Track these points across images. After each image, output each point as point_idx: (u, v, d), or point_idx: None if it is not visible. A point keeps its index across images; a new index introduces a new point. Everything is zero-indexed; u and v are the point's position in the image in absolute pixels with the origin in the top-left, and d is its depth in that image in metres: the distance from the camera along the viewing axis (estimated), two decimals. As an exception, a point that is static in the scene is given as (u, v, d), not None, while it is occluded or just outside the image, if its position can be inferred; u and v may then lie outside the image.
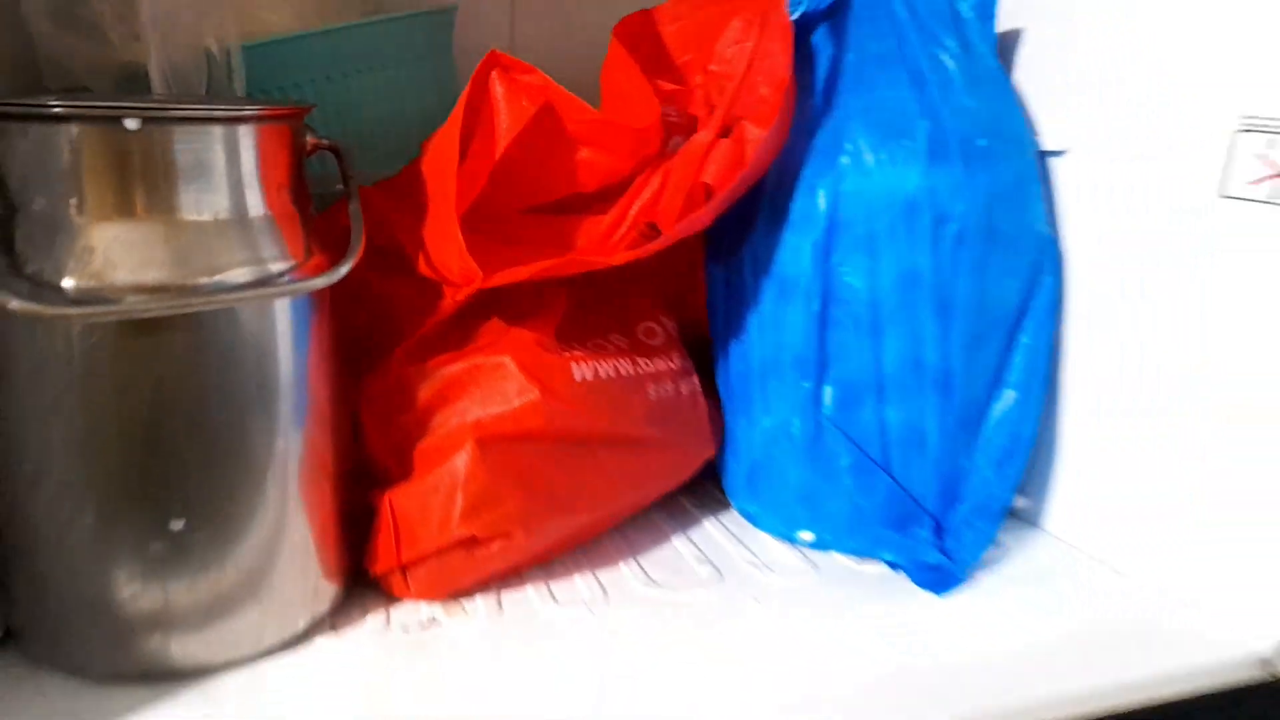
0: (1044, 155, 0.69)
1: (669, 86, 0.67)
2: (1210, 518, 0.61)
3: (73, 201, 0.46)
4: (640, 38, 0.72)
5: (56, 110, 0.44)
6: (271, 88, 0.66)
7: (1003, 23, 0.70)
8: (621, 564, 0.67)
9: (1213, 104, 0.58)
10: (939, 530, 0.66)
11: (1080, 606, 0.63)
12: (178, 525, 0.49)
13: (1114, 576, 0.66)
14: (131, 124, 0.44)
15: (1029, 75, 0.71)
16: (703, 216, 0.61)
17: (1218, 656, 0.58)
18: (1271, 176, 0.56)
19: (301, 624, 0.56)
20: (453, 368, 0.61)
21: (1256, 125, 0.57)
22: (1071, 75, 0.67)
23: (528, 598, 0.62)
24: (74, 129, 0.45)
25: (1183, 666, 0.57)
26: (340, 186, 0.60)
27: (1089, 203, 0.67)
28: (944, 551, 0.64)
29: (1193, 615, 0.62)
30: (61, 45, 0.60)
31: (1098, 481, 0.68)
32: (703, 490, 0.77)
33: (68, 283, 0.45)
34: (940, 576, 0.63)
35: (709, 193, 0.60)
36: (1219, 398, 0.60)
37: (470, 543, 0.58)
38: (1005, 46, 0.72)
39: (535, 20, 0.98)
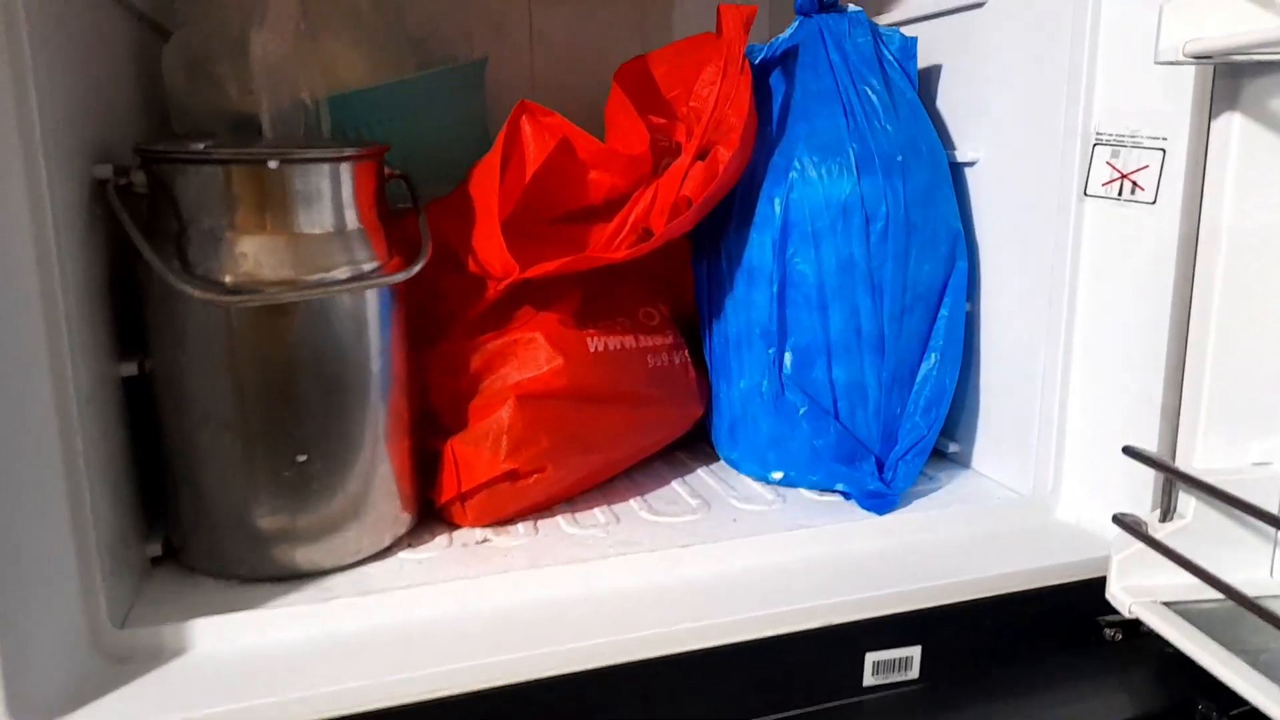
0: (959, 166, 0.87)
1: (659, 120, 0.85)
2: (1088, 449, 0.79)
3: (228, 221, 0.64)
4: (635, 78, 0.90)
5: (220, 155, 0.62)
6: (349, 129, 0.84)
7: (925, 59, 0.88)
8: (630, 499, 0.84)
9: (1075, 123, 0.75)
10: (879, 465, 0.83)
11: (988, 518, 0.80)
12: (302, 458, 0.67)
13: (1017, 497, 0.83)
14: (273, 164, 0.62)
15: (947, 101, 0.89)
16: (685, 221, 0.78)
17: (1094, 552, 0.75)
18: (1118, 179, 0.73)
19: (388, 540, 0.74)
20: (496, 342, 0.79)
21: (1104, 139, 0.74)
22: (978, 102, 0.85)
23: (557, 524, 0.80)
24: (231, 169, 0.63)
25: (1065, 559, 0.74)
26: (405, 205, 0.78)
27: (993, 202, 0.85)
28: (884, 481, 0.81)
29: (1079, 525, 0.79)
30: (190, 96, 0.78)
31: (1008, 426, 0.85)
32: (695, 445, 0.95)
33: (227, 278, 0.63)
34: (881, 501, 0.80)
35: (689, 202, 0.77)
36: (1087, 351, 0.77)
37: (513, 475, 0.76)
38: (929, 79, 0.90)
39: (551, 61, 1.16)
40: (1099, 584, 0.73)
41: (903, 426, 0.84)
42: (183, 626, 0.63)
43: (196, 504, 0.68)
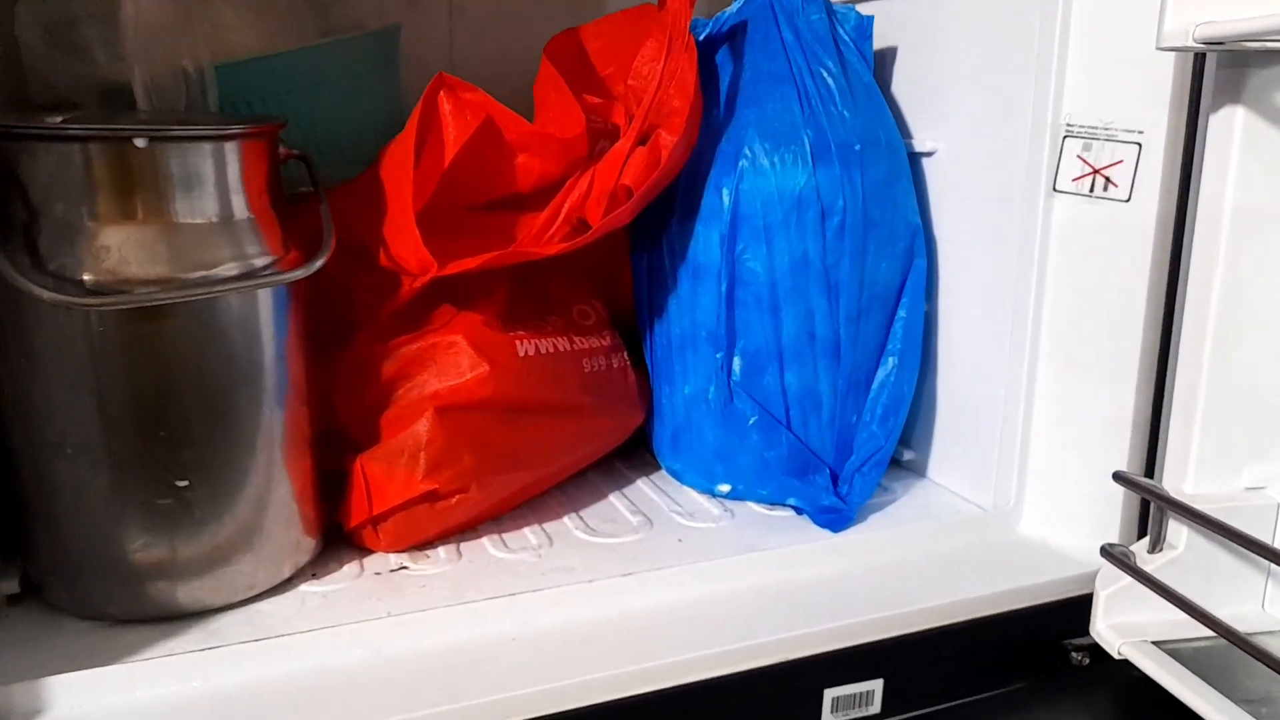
0: (916, 156, 0.81)
1: (594, 99, 0.77)
2: (1053, 462, 0.74)
3: (88, 208, 0.54)
4: (567, 53, 0.82)
5: (75, 131, 0.52)
6: (240, 102, 0.74)
7: (880, 42, 0.82)
8: (564, 517, 0.77)
9: (1044, 113, 0.70)
10: (834, 478, 0.77)
11: (948, 536, 0.75)
12: (182, 484, 0.58)
13: (979, 512, 0.78)
14: (140, 142, 0.53)
15: (903, 87, 0.83)
16: (624, 213, 0.71)
17: (1061, 573, 0.70)
18: (1089, 174, 0.68)
19: (287, 571, 0.65)
20: (411, 347, 0.70)
21: (1075, 131, 0.69)
22: (939, 88, 0.79)
23: (483, 546, 0.72)
24: (90, 147, 0.53)
25: (1031, 581, 0.69)
26: (305, 190, 0.69)
27: (952, 196, 0.79)
28: (839, 496, 0.76)
29: (1044, 542, 0.74)
30: (51, 63, 0.68)
31: (967, 434, 0.80)
32: (634, 454, 0.87)
33: (86, 276, 0.53)
34: (836, 517, 0.74)
35: (629, 192, 0.70)
36: (1054, 358, 0.72)
37: (432, 497, 0.67)
38: (884, 63, 0.84)
39: (472, 36, 1.07)
40: (1067, 606, 0.69)
41: (858, 436, 0.78)
42: (37, 685, 0.53)
43: (54, 538, 0.59)
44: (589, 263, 0.81)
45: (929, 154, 0.81)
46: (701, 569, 0.67)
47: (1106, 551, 0.59)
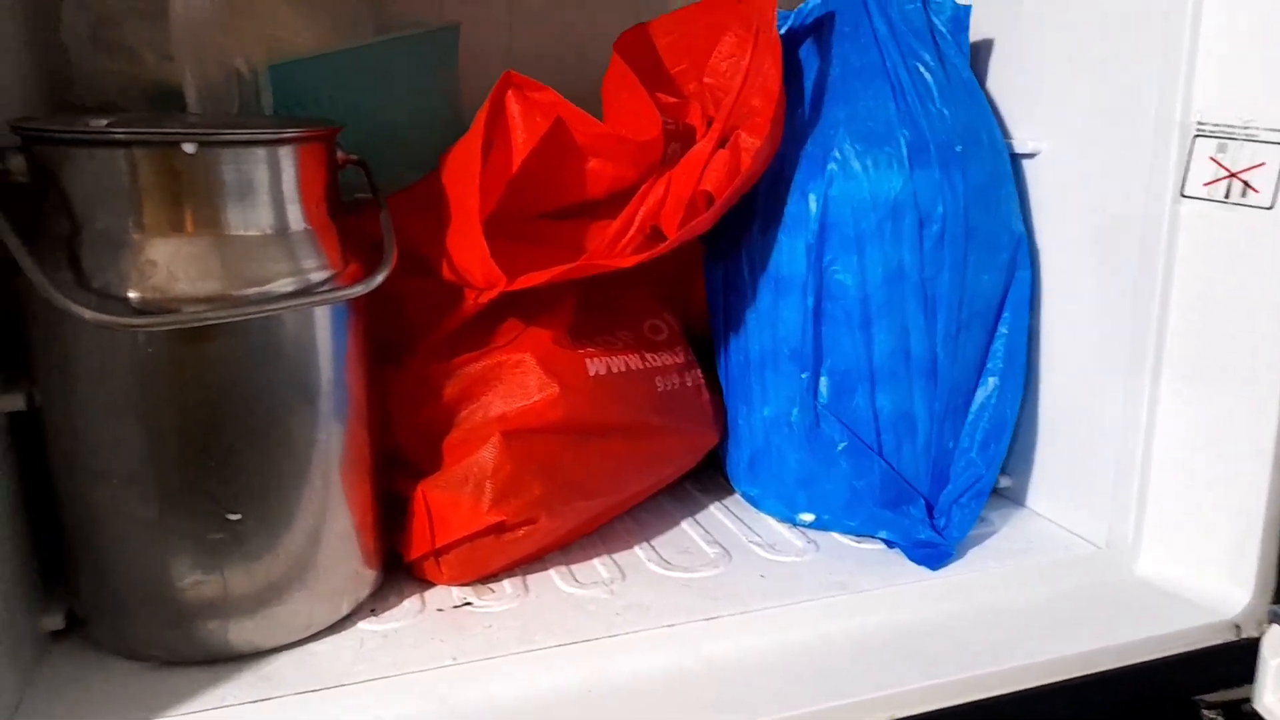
0: (1016, 158, 0.74)
1: (667, 99, 0.71)
2: (1176, 493, 0.67)
3: (134, 219, 0.49)
4: (638, 51, 0.76)
5: (119, 136, 0.48)
6: (294, 104, 0.70)
7: (975, 33, 0.76)
8: (635, 547, 0.71)
9: (1171, 110, 0.63)
10: (930, 509, 0.71)
11: (1058, 576, 0.68)
12: (234, 517, 0.53)
13: (1091, 549, 0.71)
14: (189, 148, 0.48)
15: (1001, 83, 0.76)
16: (704, 221, 0.65)
17: (1189, 622, 0.63)
18: (1225, 178, 0.61)
19: (345, 608, 0.60)
20: (475, 365, 0.65)
21: (1208, 130, 0.62)
22: (1041, 82, 0.72)
23: (550, 579, 0.67)
24: (136, 153, 0.48)
25: (1154, 631, 0.63)
26: (361, 197, 0.65)
27: (1059, 201, 0.72)
28: (935, 529, 0.69)
29: (1164, 584, 0.67)
30: (97, 65, 0.64)
31: (1074, 460, 0.73)
32: (705, 476, 0.82)
33: (132, 294, 0.49)
34: (933, 552, 0.68)
35: (709, 199, 0.64)
36: (1182, 380, 0.65)
37: (499, 528, 0.62)
38: (978, 56, 0.77)
39: (531, 32, 1.02)
40: (1197, 658, 0.62)
41: (956, 464, 0.71)
42: (80, 732, 0.49)
43: (99, 574, 0.54)
44: (659, 273, 0.76)
45: (1030, 155, 0.74)
46: (790, 612, 0.62)
47: (1278, 616, 0.52)
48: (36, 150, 0.50)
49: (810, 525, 0.74)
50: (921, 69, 0.68)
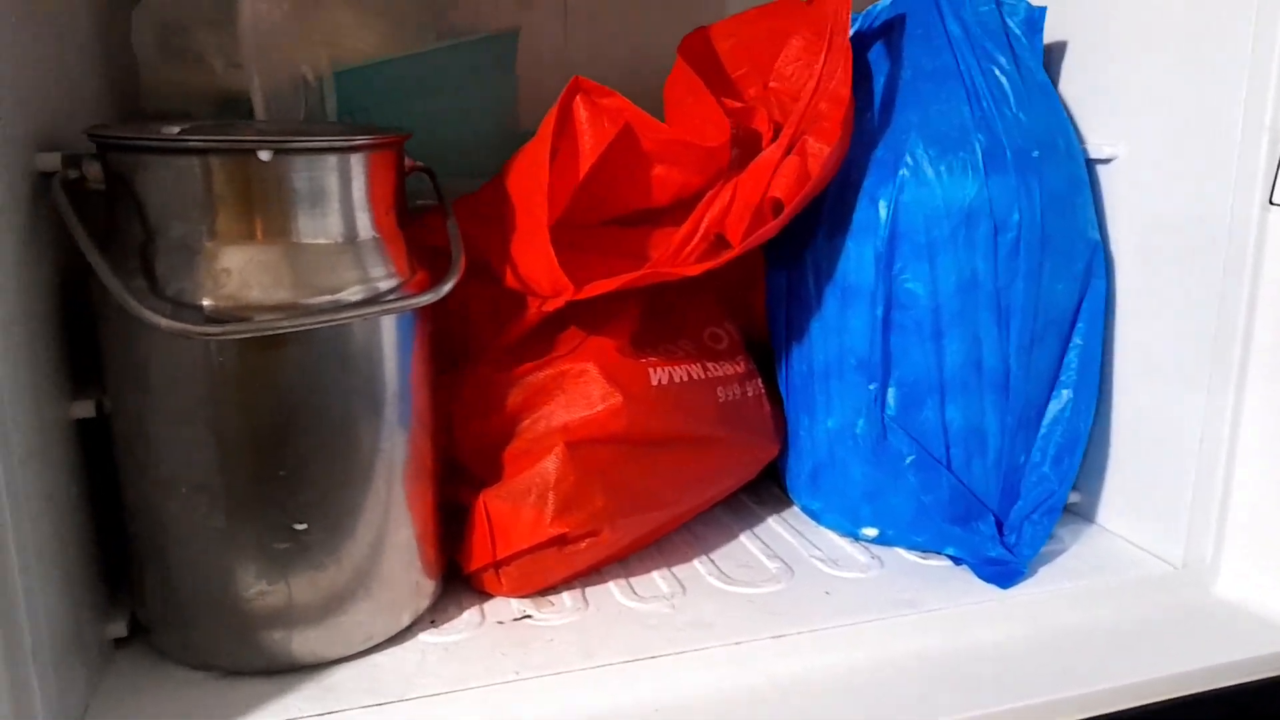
0: (1090, 163, 0.72)
1: (732, 104, 0.70)
2: (1259, 511, 0.64)
3: (208, 227, 0.49)
4: (699, 54, 0.75)
5: (196, 143, 0.48)
6: (357, 110, 0.70)
7: (1047, 35, 0.73)
8: (694, 560, 0.70)
9: (1260, 115, 0.61)
10: (999, 526, 0.69)
11: (1134, 596, 0.66)
12: (300, 527, 0.53)
13: (1167, 569, 0.68)
14: (265, 155, 0.48)
15: (1074, 86, 0.74)
16: (772, 228, 0.64)
17: (1272, 646, 0.61)
18: (1318, 183, 0.59)
19: (406, 619, 0.60)
20: (538, 375, 0.64)
21: (1302, 135, 0.59)
22: (1118, 86, 0.70)
23: (610, 592, 0.66)
24: (212, 160, 0.48)
25: (1235, 655, 0.60)
26: (423, 203, 0.64)
27: (1136, 208, 0.70)
28: (1005, 546, 0.67)
29: (1245, 606, 0.65)
30: (166, 72, 0.64)
31: (1149, 476, 0.71)
32: (761, 487, 0.80)
33: (206, 302, 0.49)
34: (1003, 570, 0.66)
35: (778, 206, 0.63)
36: (1267, 392, 0.63)
37: (561, 541, 0.61)
38: (1050, 58, 0.75)
39: (586, 36, 1.01)
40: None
41: (1027, 479, 0.69)
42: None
43: (165, 582, 0.54)
44: (718, 280, 0.74)
45: (1105, 161, 0.72)
46: (858, 631, 0.60)
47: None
48: (111, 158, 0.50)
49: (874, 540, 0.72)
50: (996, 72, 0.66)
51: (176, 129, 0.51)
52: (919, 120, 0.66)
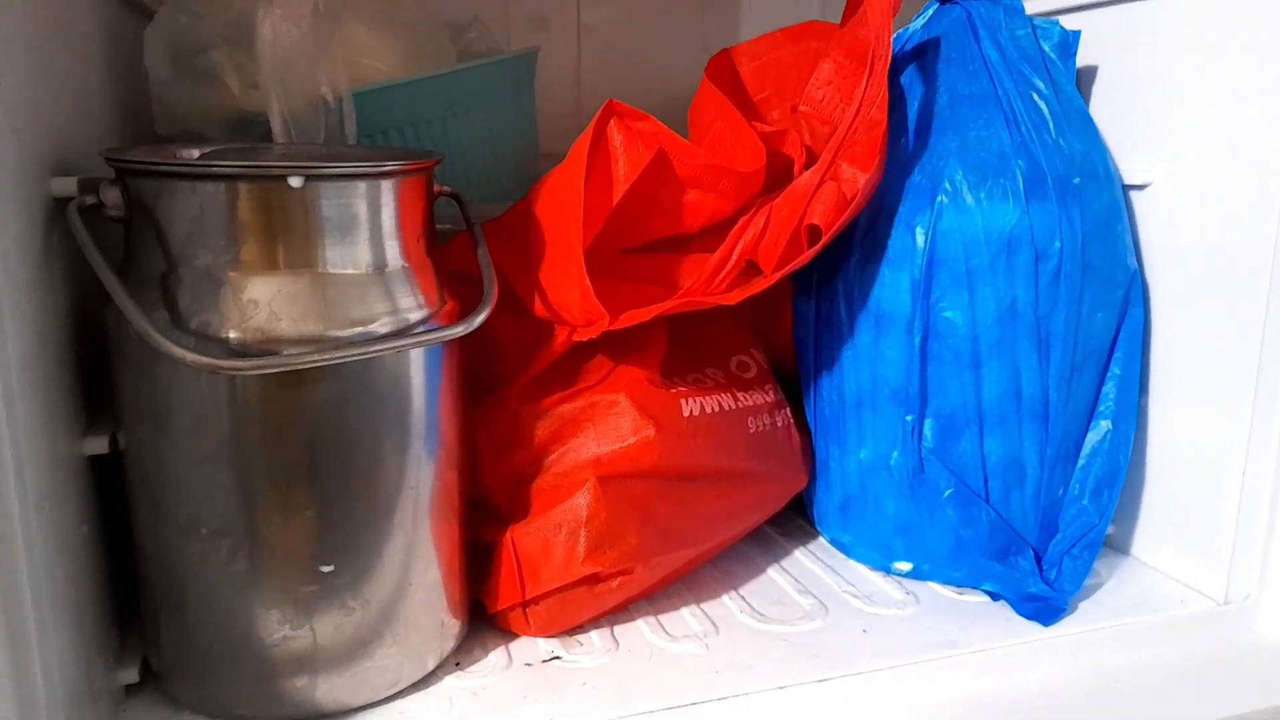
0: (1125, 189, 0.71)
1: (763, 128, 0.68)
2: (1308, 543, 0.63)
3: (235, 257, 0.47)
4: (726, 76, 0.74)
5: (223, 169, 0.45)
6: (377, 133, 0.68)
7: (1082, 58, 0.72)
8: (724, 596, 0.68)
9: (1307, 142, 0.59)
10: (1039, 560, 0.67)
11: (1178, 636, 0.64)
12: (327, 569, 0.50)
13: (1210, 604, 0.66)
14: (295, 182, 0.46)
15: (1106, 110, 0.73)
16: (807, 256, 0.62)
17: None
18: (1368, 212, 0.58)
19: (431, 663, 0.57)
20: (567, 406, 0.62)
21: (1351, 162, 0.58)
22: (1154, 111, 0.69)
23: (640, 631, 0.63)
24: (239, 186, 0.46)
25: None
26: (447, 227, 0.62)
27: (1173, 235, 0.68)
28: (1046, 581, 0.65)
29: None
30: (180, 93, 0.62)
31: (1188, 509, 0.69)
32: (785, 519, 0.78)
33: (232, 335, 0.46)
34: (1044, 607, 0.64)
35: (815, 233, 0.61)
36: (1316, 426, 0.62)
37: (593, 579, 0.59)
38: (1082, 83, 0.74)
39: (600, 58, 1.00)
40: (1340, 727, 0.58)
41: (1066, 512, 0.68)
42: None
43: (181, 628, 0.52)
44: (743, 307, 0.73)
45: (1141, 187, 0.70)
46: (902, 674, 0.58)
47: None
48: (131, 183, 0.48)
49: (907, 575, 0.70)
50: (1035, 97, 0.64)
51: (198, 153, 0.49)
52: (957, 146, 0.64)
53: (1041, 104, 0.64)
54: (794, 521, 0.79)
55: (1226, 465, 0.65)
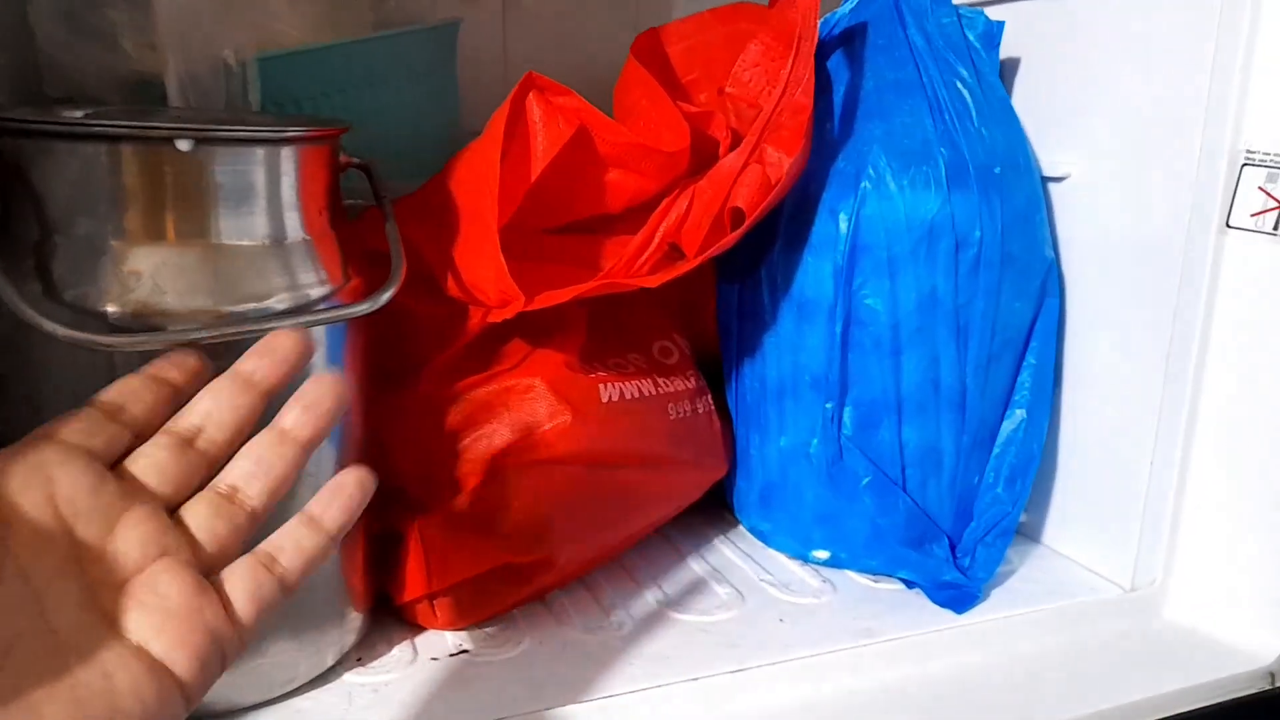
0: (1043, 181, 0.71)
1: (688, 108, 0.67)
2: (1208, 534, 0.64)
3: (118, 225, 0.44)
4: (652, 56, 0.72)
5: (106, 129, 0.42)
6: (285, 101, 0.64)
7: (1004, 50, 0.73)
8: (641, 585, 0.67)
9: (1219, 137, 0.60)
10: (954, 549, 0.67)
11: (1088, 622, 0.65)
12: (217, 559, 0.47)
13: (1117, 591, 0.68)
14: (184, 145, 0.43)
15: (1025, 102, 0.73)
16: (731, 240, 0.61)
17: (1222, 670, 0.60)
18: (1274, 209, 0.59)
19: (330, 658, 0.54)
20: (480, 391, 0.60)
21: (1257, 160, 0.60)
22: (1071, 104, 0.70)
23: (554, 623, 0.62)
24: (123, 149, 0.43)
25: (1189, 680, 0.60)
26: (355, 203, 0.59)
27: (1088, 228, 0.69)
28: (960, 569, 0.66)
29: (1194, 629, 0.65)
30: (70, 53, 0.58)
31: (1097, 497, 0.70)
32: (705, 507, 0.77)
33: (111, 309, 0.43)
34: (957, 595, 0.64)
35: (739, 216, 0.60)
36: (1220, 415, 0.63)
37: (505, 570, 0.57)
38: (1003, 73, 0.74)
39: (527, 33, 0.97)
40: (1242, 707, 0.60)
41: (981, 500, 0.68)
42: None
43: (60, 623, 0.48)
44: (667, 292, 0.71)
45: (1058, 179, 0.71)
46: (819, 662, 0.57)
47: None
48: (5, 143, 0.44)
49: (824, 563, 0.70)
50: (959, 85, 0.64)
51: (80, 113, 0.45)
52: (882, 132, 0.64)
53: (965, 93, 0.64)
54: (713, 509, 0.78)
55: (1135, 455, 0.66)
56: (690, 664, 0.56)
